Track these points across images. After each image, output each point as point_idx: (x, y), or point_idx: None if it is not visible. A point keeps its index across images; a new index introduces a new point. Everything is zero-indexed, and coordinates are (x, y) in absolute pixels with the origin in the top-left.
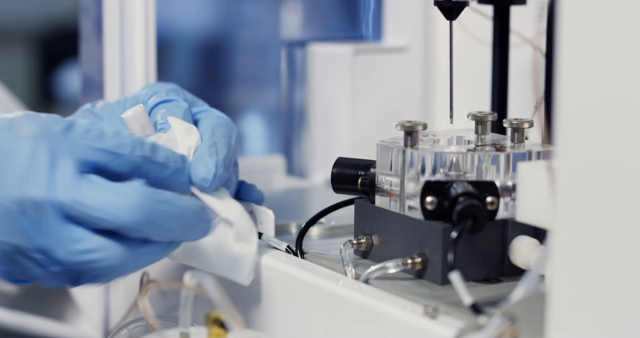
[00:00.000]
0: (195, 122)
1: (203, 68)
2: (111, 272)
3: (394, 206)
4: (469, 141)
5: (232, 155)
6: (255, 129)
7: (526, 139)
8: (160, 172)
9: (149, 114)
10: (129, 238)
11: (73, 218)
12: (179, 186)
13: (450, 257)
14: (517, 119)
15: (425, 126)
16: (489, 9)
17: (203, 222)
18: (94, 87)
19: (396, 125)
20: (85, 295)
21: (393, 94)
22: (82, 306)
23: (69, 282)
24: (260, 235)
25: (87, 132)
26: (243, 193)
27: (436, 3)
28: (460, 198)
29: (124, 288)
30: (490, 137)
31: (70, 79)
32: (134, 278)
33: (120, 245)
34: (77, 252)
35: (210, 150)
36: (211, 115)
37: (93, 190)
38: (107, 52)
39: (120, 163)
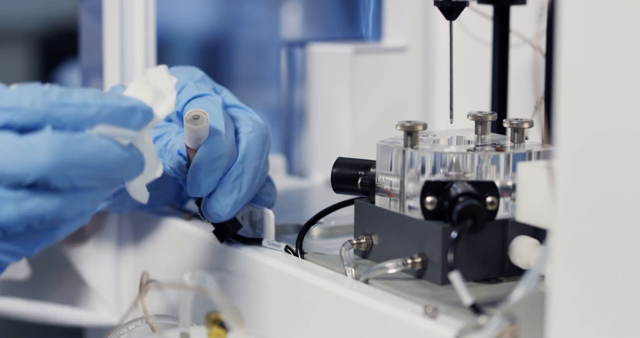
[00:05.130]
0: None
1: (203, 68)
2: (55, 225)
3: (394, 206)
4: (469, 141)
5: (257, 183)
6: None
7: (526, 139)
8: (81, 113)
9: (182, 110)
10: (59, 188)
11: None
12: (135, 123)
13: (450, 257)
14: (517, 119)
15: (425, 126)
16: (489, 9)
17: (133, 158)
18: (93, 87)
19: (396, 125)
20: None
21: (393, 94)
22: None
23: (26, 249)
24: (261, 241)
25: None
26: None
27: (436, 3)
28: (460, 198)
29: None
30: (490, 137)
31: (70, 79)
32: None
33: (51, 196)
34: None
35: (234, 183)
36: (246, 122)
37: None
38: (107, 52)
39: (25, 116)
